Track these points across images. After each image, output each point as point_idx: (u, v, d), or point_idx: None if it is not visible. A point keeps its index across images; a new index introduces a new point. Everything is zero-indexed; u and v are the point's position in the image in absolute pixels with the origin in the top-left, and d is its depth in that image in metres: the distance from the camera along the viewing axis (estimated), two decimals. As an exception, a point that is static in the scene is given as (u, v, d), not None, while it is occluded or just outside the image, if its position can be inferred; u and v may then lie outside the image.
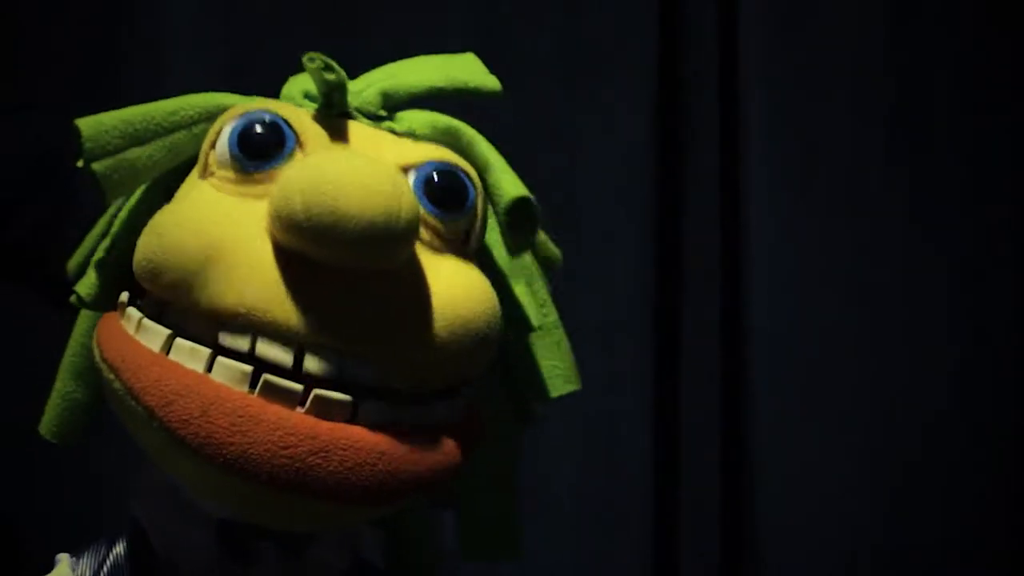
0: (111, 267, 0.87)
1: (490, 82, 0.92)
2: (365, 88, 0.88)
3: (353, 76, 0.88)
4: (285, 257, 0.77)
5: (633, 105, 1.58)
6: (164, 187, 0.86)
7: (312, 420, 0.77)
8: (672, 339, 1.59)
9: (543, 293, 0.92)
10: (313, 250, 0.76)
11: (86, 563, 0.90)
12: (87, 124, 0.83)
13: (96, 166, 0.83)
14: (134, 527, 0.88)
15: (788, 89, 1.59)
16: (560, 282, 0.95)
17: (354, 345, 0.78)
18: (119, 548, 0.90)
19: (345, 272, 0.77)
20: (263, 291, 0.77)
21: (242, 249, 0.78)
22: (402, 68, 0.92)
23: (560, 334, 0.92)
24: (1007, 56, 1.61)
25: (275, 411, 0.77)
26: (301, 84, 0.89)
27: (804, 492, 1.58)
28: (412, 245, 0.79)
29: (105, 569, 0.89)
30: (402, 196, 0.76)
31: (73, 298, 0.88)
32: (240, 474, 0.76)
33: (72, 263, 0.92)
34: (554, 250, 0.95)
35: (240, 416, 0.76)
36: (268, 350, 0.77)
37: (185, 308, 0.79)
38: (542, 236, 0.94)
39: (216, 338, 0.78)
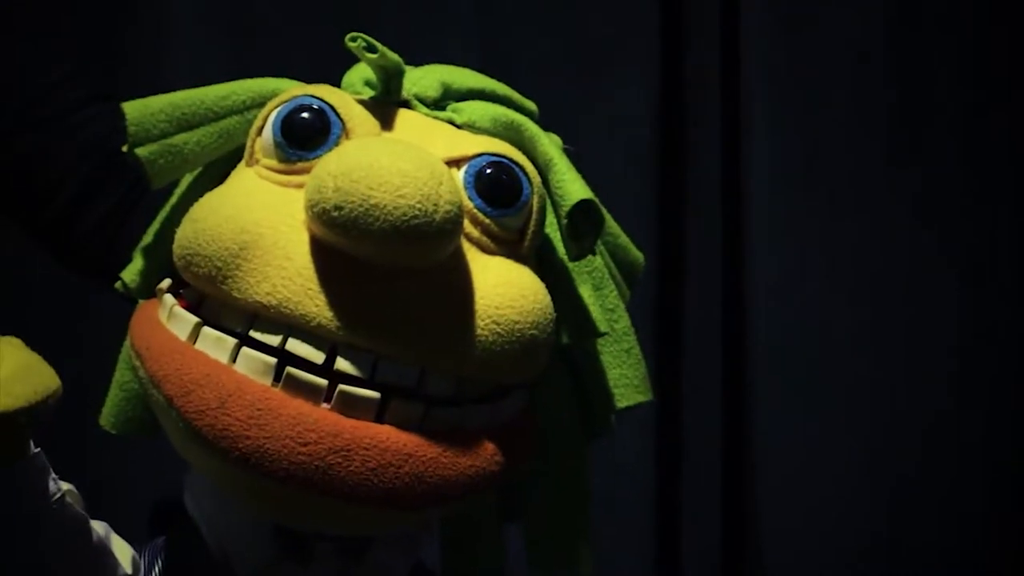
0: (156, 254, 0.84)
1: (529, 103, 0.88)
2: (424, 76, 0.85)
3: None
4: (322, 251, 0.74)
5: (635, 105, 1.58)
6: (218, 175, 0.83)
7: (335, 417, 0.74)
8: (673, 339, 1.59)
9: (613, 298, 0.86)
10: (345, 243, 0.72)
11: (146, 559, 0.88)
12: (133, 108, 0.81)
13: (141, 151, 0.81)
14: (188, 524, 0.86)
15: (789, 89, 1.59)
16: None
17: (389, 347, 0.74)
18: (174, 547, 0.87)
19: (384, 269, 0.73)
20: (297, 285, 0.74)
21: (278, 241, 0.75)
22: (454, 69, 0.88)
23: (631, 341, 0.87)
24: (1007, 56, 1.61)
25: (296, 405, 0.73)
26: (362, 72, 0.85)
27: (805, 491, 1.58)
28: (451, 242, 0.74)
29: (158, 566, 0.87)
30: (441, 187, 0.72)
31: (118, 284, 0.86)
32: (255, 469, 0.73)
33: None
34: (636, 254, 0.90)
35: (259, 409, 0.73)
36: (299, 347, 0.74)
37: (220, 299, 0.76)
38: (623, 240, 0.89)
39: (247, 330, 0.75)
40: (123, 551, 0.86)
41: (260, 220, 0.76)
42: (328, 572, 0.83)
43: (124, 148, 0.81)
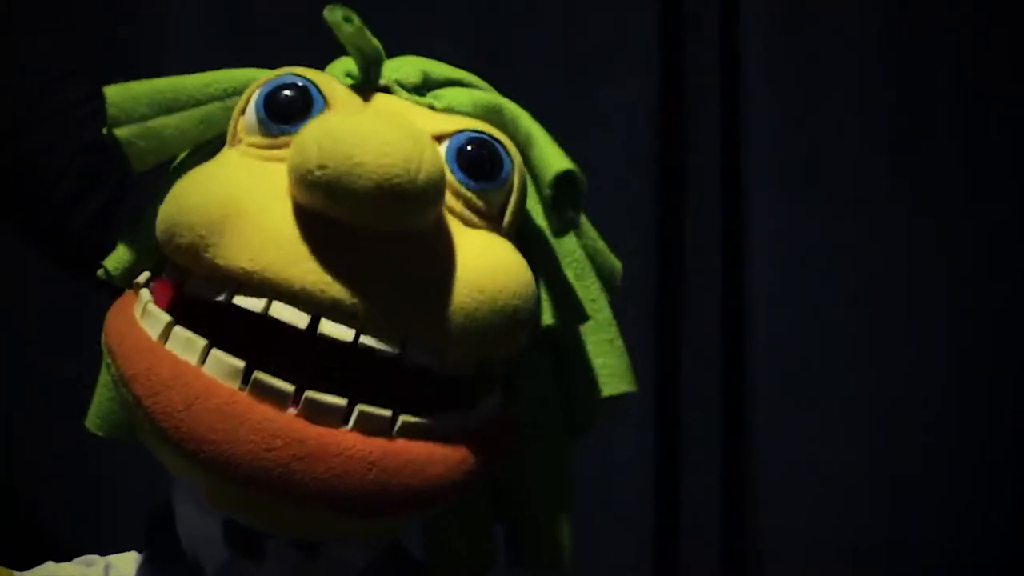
0: (139, 241, 0.85)
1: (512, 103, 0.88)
2: (404, 64, 0.86)
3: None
4: (305, 217, 0.75)
5: (634, 105, 1.58)
6: (198, 162, 0.84)
7: (301, 423, 0.74)
8: (673, 338, 1.59)
9: (595, 289, 0.87)
10: (328, 204, 0.73)
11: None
12: (114, 90, 0.82)
13: (119, 131, 0.82)
14: (171, 525, 0.86)
15: (790, 88, 1.59)
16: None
17: (372, 311, 0.74)
18: (155, 546, 0.88)
19: (366, 236, 0.74)
20: (279, 250, 0.74)
21: (260, 209, 0.75)
22: (437, 61, 0.89)
23: (614, 332, 0.88)
24: (1007, 56, 1.61)
25: (262, 411, 0.74)
26: (343, 65, 0.87)
27: (804, 491, 1.58)
28: (433, 207, 0.75)
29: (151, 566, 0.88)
30: (423, 152, 0.73)
31: (100, 272, 0.86)
32: (219, 472, 0.73)
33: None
34: (614, 261, 0.91)
35: (225, 412, 0.73)
36: (283, 311, 0.74)
37: (203, 271, 0.76)
38: (600, 245, 0.90)
39: (230, 297, 0.75)
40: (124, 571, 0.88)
41: (243, 189, 0.76)
42: (284, 570, 0.83)
43: (103, 130, 0.82)
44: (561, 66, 1.56)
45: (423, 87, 0.85)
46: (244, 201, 0.76)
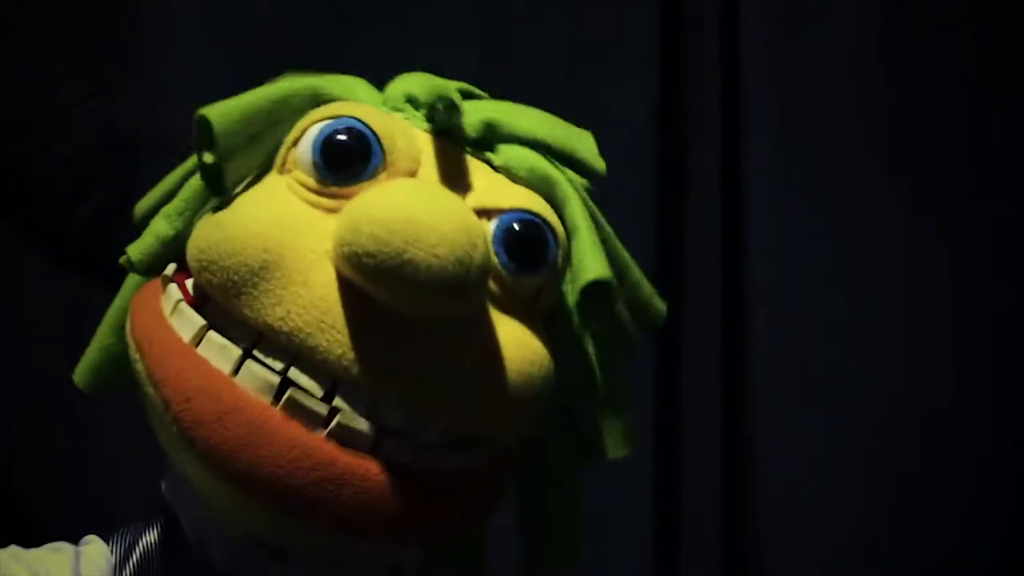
0: (169, 236, 0.83)
1: (598, 164, 0.86)
2: (471, 112, 0.82)
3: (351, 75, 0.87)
4: (343, 286, 0.73)
5: (634, 105, 1.58)
6: None
7: (331, 447, 0.73)
8: (673, 338, 1.59)
9: (614, 355, 0.86)
10: (374, 290, 0.71)
11: (116, 547, 0.87)
12: (216, 116, 0.78)
13: (226, 163, 0.79)
14: (166, 514, 0.86)
15: (790, 88, 1.59)
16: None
17: (391, 393, 0.74)
18: (151, 536, 0.86)
19: (400, 316, 0.72)
20: (311, 315, 0.73)
21: (300, 266, 0.74)
22: (513, 107, 0.86)
23: (622, 398, 0.88)
24: (1007, 56, 1.61)
25: (293, 430, 0.73)
26: (406, 86, 0.84)
27: (805, 492, 1.58)
28: (476, 303, 0.74)
29: (135, 555, 0.86)
30: (475, 250, 0.71)
31: (123, 259, 0.84)
32: (244, 487, 0.73)
33: (136, 219, 0.87)
34: (659, 306, 0.91)
35: (255, 429, 0.72)
36: (300, 378, 0.74)
37: (228, 311, 0.75)
38: (646, 290, 0.89)
39: (250, 348, 0.74)
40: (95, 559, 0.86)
41: (285, 242, 0.74)
42: (303, 564, 0.82)
43: (204, 159, 0.78)
44: (561, 66, 1.56)
45: (485, 140, 0.82)
46: (286, 251, 0.74)
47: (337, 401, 0.74)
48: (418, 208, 0.71)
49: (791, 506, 1.58)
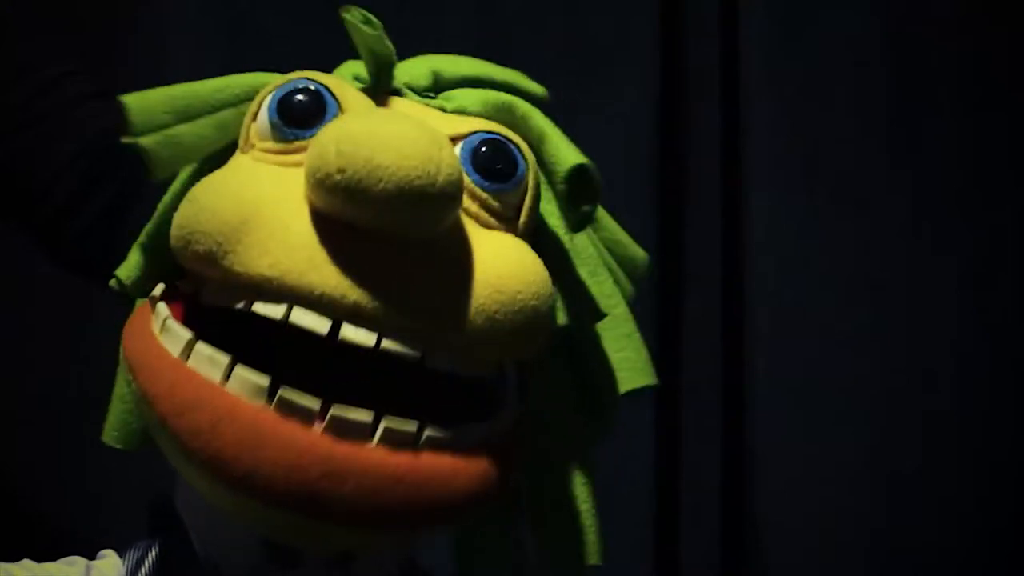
0: (154, 250, 0.84)
1: (537, 88, 0.89)
2: (414, 65, 0.86)
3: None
4: (324, 223, 0.74)
5: (635, 106, 1.58)
6: (209, 169, 0.83)
7: (328, 441, 0.73)
8: (673, 338, 1.59)
9: (608, 285, 0.87)
10: (347, 208, 0.72)
11: (128, 561, 0.88)
12: (134, 100, 0.82)
13: (145, 140, 0.82)
14: (177, 527, 0.86)
15: (790, 88, 1.59)
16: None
17: (393, 315, 0.74)
18: (161, 550, 0.87)
19: (386, 241, 0.73)
20: (298, 256, 0.73)
21: (278, 214, 0.74)
22: (450, 56, 0.89)
23: (631, 326, 0.88)
24: (1007, 56, 1.61)
25: (289, 429, 0.73)
26: (352, 68, 0.87)
27: (804, 492, 1.58)
28: (451, 211, 0.75)
29: (143, 570, 0.87)
30: (442, 154, 0.72)
31: (112, 282, 0.85)
32: (247, 492, 0.73)
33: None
34: (637, 251, 0.91)
35: (251, 432, 0.72)
36: (303, 317, 0.73)
37: (221, 278, 0.76)
38: (622, 236, 0.90)
39: (250, 304, 0.74)
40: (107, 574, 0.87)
41: (260, 195, 0.75)
42: (318, 573, 0.83)
43: (125, 139, 0.82)
44: (561, 66, 1.56)
45: (433, 89, 0.85)
46: (261, 206, 0.75)
47: (344, 331, 0.73)
48: (378, 121, 0.73)
49: (791, 506, 1.58)
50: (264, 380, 0.74)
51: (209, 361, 0.75)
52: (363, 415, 0.74)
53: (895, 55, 1.60)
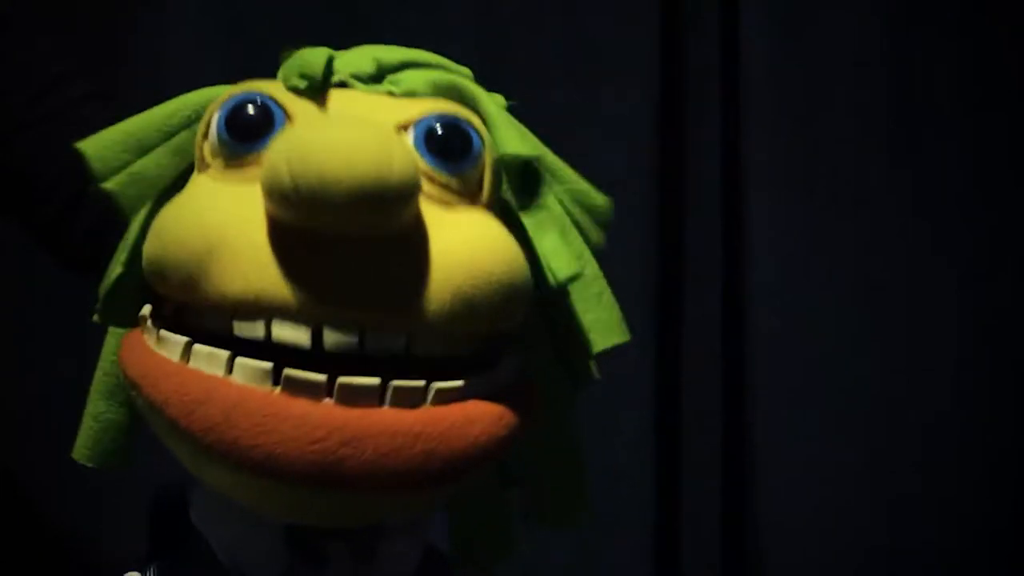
0: (130, 280, 0.84)
1: (464, 68, 0.88)
2: (356, 56, 0.85)
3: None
4: (288, 236, 0.74)
5: (635, 106, 1.58)
6: (168, 195, 0.83)
7: (339, 410, 0.73)
8: (673, 338, 1.59)
9: (578, 244, 0.86)
10: (307, 219, 0.72)
11: None
12: (90, 145, 0.82)
13: (108, 185, 0.82)
14: (197, 539, 0.85)
15: (790, 88, 1.59)
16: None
17: (372, 312, 0.74)
18: (184, 566, 0.86)
19: (351, 241, 0.73)
20: (270, 272, 0.73)
21: (243, 234, 0.74)
22: (390, 46, 0.88)
23: (602, 285, 0.86)
24: (1007, 56, 1.61)
25: (300, 406, 0.73)
26: (295, 65, 0.85)
27: (804, 492, 1.58)
28: (410, 204, 0.74)
29: None
30: (392, 152, 0.72)
31: (96, 318, 0.86)
32: (270, 475, 0.73)
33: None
34: (598, 197, 0.89)
35: (264, 416, 0.73)
36: (283, 331, 0.74)
37: (199, 305, 0.76)
38: (583, 185, 0.88)
39: (230, 328, 0.75)
40: None
41: (223, 219, 0.76)
42: (344, 572, 0.83)
43: (91, 188, 0.82)
44: (561, 66, 1.56)
45: (378, 75, 0.85)
46: (225, 229, 0.75)
47: (327, 338, 0.74)
48: (326, 132, 0.73)
49: (791, 506, 1.58)
50: (267, 364, 0.74)
51: (209, 358, 0.76)
52: (370, 380, 0.74)
53: (895, 55, 1.60)
